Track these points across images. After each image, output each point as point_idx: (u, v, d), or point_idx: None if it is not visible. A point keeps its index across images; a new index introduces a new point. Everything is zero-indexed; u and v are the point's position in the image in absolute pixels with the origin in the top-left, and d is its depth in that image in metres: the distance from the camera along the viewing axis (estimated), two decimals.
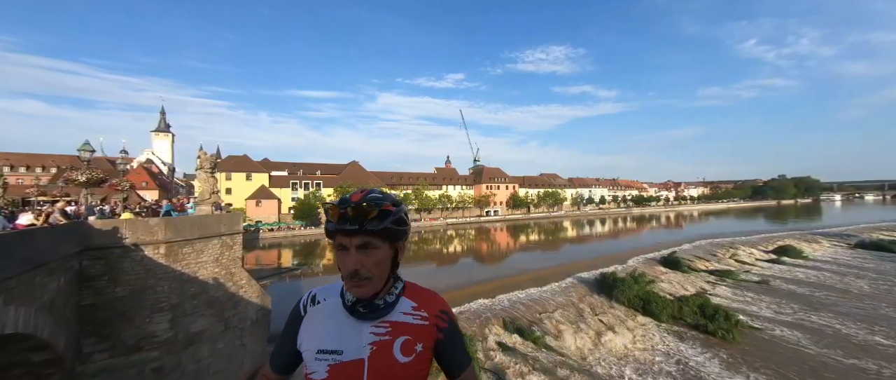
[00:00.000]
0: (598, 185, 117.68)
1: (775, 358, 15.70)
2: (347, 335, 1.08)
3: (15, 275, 6.45)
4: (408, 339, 1.09)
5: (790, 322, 19.68)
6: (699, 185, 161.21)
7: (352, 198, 1.09)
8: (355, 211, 1.04)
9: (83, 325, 9.11)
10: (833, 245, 41.33)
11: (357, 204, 1.05)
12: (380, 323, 1.10)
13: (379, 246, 1.07)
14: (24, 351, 7.37)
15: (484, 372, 13.42)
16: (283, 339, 1.19)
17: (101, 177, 13.92)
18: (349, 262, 1.05)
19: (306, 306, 1.19)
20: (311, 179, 68.86)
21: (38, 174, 57.32)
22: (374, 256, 1.06)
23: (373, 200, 1.08)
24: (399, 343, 1.07)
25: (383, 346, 1.06)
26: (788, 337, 17.84)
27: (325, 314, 1.14)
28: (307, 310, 1.18)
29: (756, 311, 21.40)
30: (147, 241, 10.16)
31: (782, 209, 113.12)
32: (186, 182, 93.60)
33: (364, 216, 1.04)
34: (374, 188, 1.16)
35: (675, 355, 16.09)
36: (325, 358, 1.06)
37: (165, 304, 10.24)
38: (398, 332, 1.09)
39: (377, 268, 1.07)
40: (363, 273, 1.05)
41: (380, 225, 1.05)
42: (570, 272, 27.48)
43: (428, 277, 30.05)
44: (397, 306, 1.14)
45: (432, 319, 1.14)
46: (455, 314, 1.23)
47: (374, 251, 1.06)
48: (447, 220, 76.05)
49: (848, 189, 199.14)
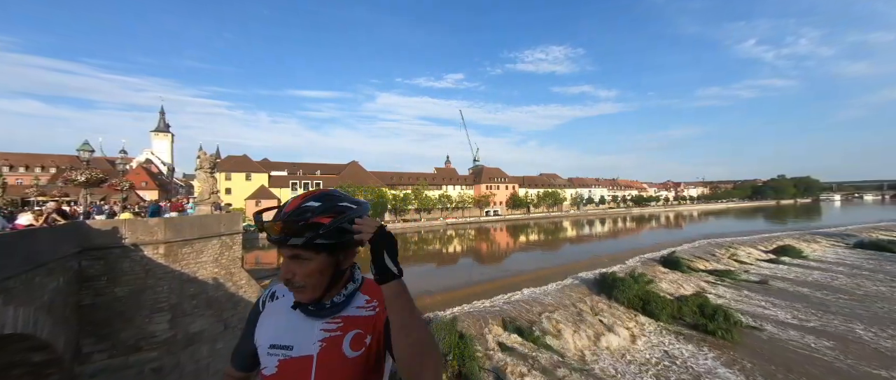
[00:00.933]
0: (598, 185, 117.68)
1: (775, 358, 15.71)
2: (299, 331, 1.08)
3: (14, 275, 6.45)
4: (358, 332, 1.08)
5: (790, 322, 19.69)
6: (699, 185, 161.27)
7: (287, 207, 1.06)
8: (281, 225, 1.02)
9: (82, 325, 9.11)
10: (832, 245, 41.34)
11: (284, 217, 1.03)
12: (332, 319, 1.09)
13: (310, 258, 1.03)
14: (23, 351, 7.37)
15: (483, 372, 13.42)
16: (242, 335, 1.19)
17: (100, 177, 13.89)
18: (283, 269, 1.06)
19: (264, 301, 1.20)
20: (311, 179, 68.82)
21: (38, 174, 57.22)
22: (305, 268, 1.04)
23: (301, 213, 1.03)
24: (349, 338, 1.07)
25: (333, 341, 1.06)
26: (788, 337, 17.85)
27: (280, 310, 1.14)
28: (265, 306, 1.19)
29: (755, 310, 21.41)
30: (146, 241, 10.16)
31: (782, 209, 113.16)
32: (186, 182, 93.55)
33: (288, 231, 1.01)
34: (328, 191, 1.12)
35: (675, 355, 16.09)
36: (276, 353, 1.06)
37: (165, 304, 10.24)
38: (349, 326, 1.09)
39: (310, 278, 1.05)
40: (296, 282, 1.05)
41: (300, 241, 1.01)
42: (570, 272, 27.49)
43: (428, 277, 30.05)
44: (352, 302, 1.14)
45: (382, 307, 1.12)
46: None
47: (305, 262, 1.03)
48: (447, 220, 76.02)
49: (847, 189, 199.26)
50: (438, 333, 14.19)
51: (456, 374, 12.94)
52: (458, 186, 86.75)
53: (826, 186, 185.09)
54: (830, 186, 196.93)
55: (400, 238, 34.89)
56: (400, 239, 24.80)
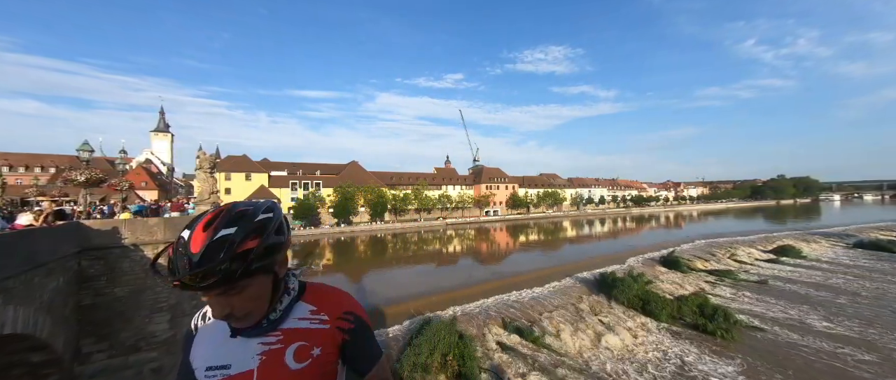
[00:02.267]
0: (598, 185, 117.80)
1: (774, 357, 15.72)
2: (235, 349, 1.01)
3: (14, 275, 6.45)
4: (303, 344, 1.01)
5: (789, 321, 19.70)
6: (698, 185, 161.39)
7: (194, 245, 0.87)
8: (204, 272, 0.85)
9: (82, 325, 9.11)
10: (832, 245, 41.37)
11: (202, 260, 0.85)
12: (270, 334, 1.01)
13: (245, 285, 0.92)
14: (22, 351, 7.37)
15: (483, 372, 13.43)
16: (180, 363, 1.10)
17: (100, 177, 13.89)
18: (216, 307, 0.92)
19: (197, 324, 1.12)
20: (311, 179, 68.82)
21: (37, 174, 57.17)
22: (243, 297, 0.93)
23: (220, 248, 0.87)
24: (292, 350, 1.00)
25: (274, 354, 0.99)
26: (787, 336, 17.86)
27: (214, 330, 1.06)
28: (198, 328, 1.11)
29: (755, 310, 21.42)
30: (146, 241, 10.16)
31: (781, 209, 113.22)
32: (186, 182, 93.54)
33: (214, 273, 0.85)
34: (231, 209, 0.96)
35: (675, 355, 16.10)
36: (213, 374, 0.99)
37: (164, 304, 10.23)
38: (291, 338, 1.01)
39: (251, 304, 0.96)
40: (239, 313, 0.94)
41: (238, 274, 0.88)
42: (570, 272, 27.50)
43: (427, 277, 30.07)
44: (291, 314, 1.05)
45: (333, 321, 1.05)
46: (363, 311, 1.12)
47: (242, 291, 0.92)
48: (447, 220, 76.02)
49: (847, 189, 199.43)
50: (438, 333, 14.18)
51: (456, 374, 12.94)
52: (457, 186, 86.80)
53: (826, 186, 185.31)
54: (830, 186, 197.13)
55: (399, 238, 35.14)
56: (399, 239, 25.00)
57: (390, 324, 17.70)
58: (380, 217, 67.88)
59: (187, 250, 0.87)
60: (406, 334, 16.01)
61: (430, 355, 13.01)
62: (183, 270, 0.85)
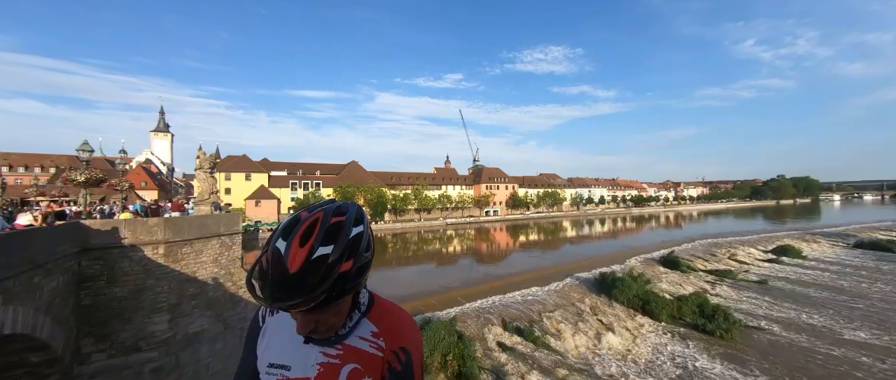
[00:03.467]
0: (598, 185, 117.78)
1: (774, 357, 15.72)
2: (297, 352, 0.99)
3: (13, 275, 6.44)
4: (357, 368, 0.98)
5: (789, 321, 19.70)
6: (698, 185, 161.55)
7: (292, 265, 0.81)
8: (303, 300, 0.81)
9: (82, 325, 9.10)
10: (832, 245, 41.40)
11: (297, 282, 0.81)
12: (333, 346, 1.00)
13: (338, 302, 0.90)
14: (22, 351, 7.36)
15: (484, 372, 13.42)
16: (244, 353, 1.10)
17: (99, 177, 13.87)
18: (302, 324, 0.91)
19: (264, 315, 1.11)
20: (311, 179, 68.81)
21: (37, 174, 57.13)
22: (328, 315, 0.92)
23: (317, 269, 0.82)
24: (347, 370, 0.98)
25: (331, 369, 0.97)
26: (787, 336, 17.86)
27: (280, 327, 1.05)
28: (265, 320, 1.10)
29: (755, 310, 21.43)
30: (146, 241, 10.15)
31: (781, 209, 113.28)
32: (186, 182, 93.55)
33: (313, 297, 0.82)
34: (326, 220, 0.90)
35: (674, 355, 16.10)
36: (274, 373, 0.99)
37: (164, 304, 10.23)
38: (349, 357, 0.99)
39: (339, 317, 0.97)
40: (322, 329, 0.94)
41: (335, 294, 0.86)
42: (570, 272, 27.50)
43: (428, 277, 30.07)
44: (356, 331, 1.03)
45: (388, 353, 1.01)
46: (420, 349, 1.06)
47: (333, 306, 0.90)
48: (447, 220, 76.00)
49: (846, 189, 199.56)
50: (438, 333, 14.18)
51: (456, 374, 12.94)
52: (457, 186, 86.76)
53: (825, 186, 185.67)
54: (830, 186, 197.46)
55: (400, 238, 35.19)
56: (400, 239, 25.06)
57: None
58: (380, 217, 67.84)
59: (282, 267, 0.81)
60: None
61: (430, 355, 13.02)
62: (278, 290, 0.80)
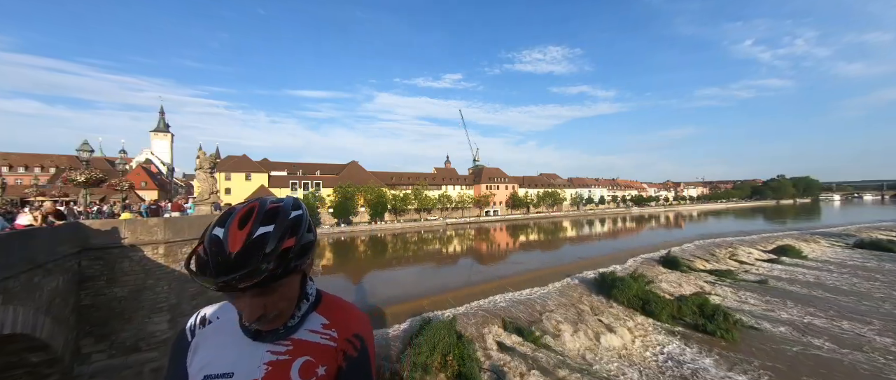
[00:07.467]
0: (598, 185, 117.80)
1: (774, 357, 15.71)
2: (241, 356, 0.94)
3: (13, 275, 6.44)
4: (309, 360, 0.95)
5: (789, 321, 19.69)
6: (698, 185, 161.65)
7: (232, 245, 0.82)
8: (246, 273, 0.80)
9: (81, 325, 9.10)
10: (832, 245, 41.37)
11: (241, 259, 0.81)
12: (280, 342, 0.96)
13: (283, 283, 0.89)
14: (22, 351, 7.36)
15: (483, 372, 13.42)
16: (167, 373, 1.02)
17: (99, 177, 13.90)
18: (249, 309, 0.86)
19: (194, 329, 1.04)
20: (311, 179, 68.82)
21: (37, 174, 57.15)
22: (277, 296, 0.89)
23: (261, 247, 0.83)
24: (299, 364, 0.94)
25: (280, 366, 0.93)
26: (787, 336, 17.85)
27: (218, 335, 1.00)
28: (196, 333, 1.03)
29: (755, 310, 21.42)
30: (146, 241, 10.15)
31: (781, 209, 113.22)
32: (185, 182, 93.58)
33: (257, 274, 0.81)
34: (264, 205, 0.92)
35: (674, 355, 16.09)
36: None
37: (164, 304, 10.23)
38: (300, 351, 0.96)
39: (288, 301, 0.93)
40: (271, 314, 0.90)
41: (280, 271, 0.85)
42: (570, 272, 27.49)
43: (427, 277, 30.07)
44: (304, 323, 1.00)
45: (341, 342, 0.99)
46: (372, 337, 1.06)
47: (279, 289, 0.88)
48: (447, 220, 76.01)
49: (846, 189, 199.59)
50: (438, 333, 14.18)
51: (456, 374, 12.93)
52: (457, 186, 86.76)
53: (825, 186, 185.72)
54: (830, 186, 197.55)
55: (399, 238, 35.15)
56: (399, 239, 25.03)
57: (390, 324, 17.69)
58: (380, 217, 67.84)
59: (223, 249, 0.82)
60: (406, 333, 16.00)
61: (430, 355, 13.01)
62: (221, 271, 0.79)
